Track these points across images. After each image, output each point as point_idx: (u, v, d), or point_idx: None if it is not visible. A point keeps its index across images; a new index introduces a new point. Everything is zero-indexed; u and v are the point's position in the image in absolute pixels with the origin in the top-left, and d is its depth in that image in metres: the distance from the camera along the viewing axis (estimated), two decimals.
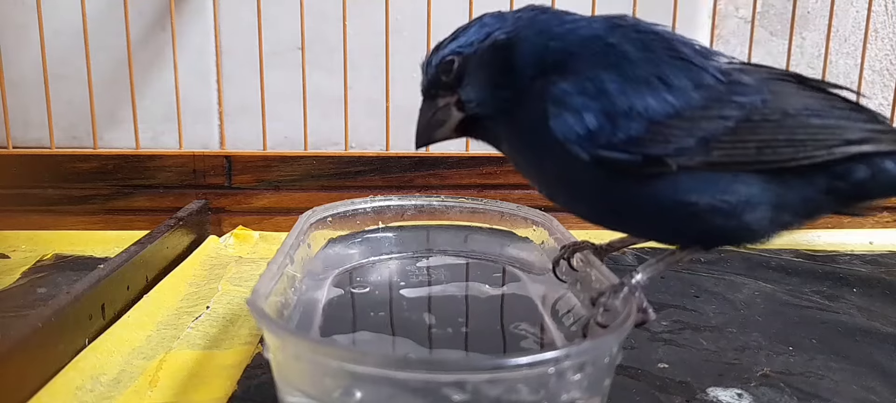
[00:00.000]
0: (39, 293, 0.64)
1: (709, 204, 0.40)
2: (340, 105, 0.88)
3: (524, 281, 0.60)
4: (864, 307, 0.64)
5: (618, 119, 0.39)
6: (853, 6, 0.99)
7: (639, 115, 0.39)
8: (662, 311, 0.62)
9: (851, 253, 0.82)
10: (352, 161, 0.87)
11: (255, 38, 0.86)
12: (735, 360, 0.52)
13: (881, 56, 1.01)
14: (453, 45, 0.45)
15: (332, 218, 0.63)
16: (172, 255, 0.74)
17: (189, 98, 0.90)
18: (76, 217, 0.84)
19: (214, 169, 0.86)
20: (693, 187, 0.40)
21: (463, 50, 0.44)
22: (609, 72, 0.40)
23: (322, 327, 0.50)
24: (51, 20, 0.85)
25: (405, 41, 0.91)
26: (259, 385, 0.47)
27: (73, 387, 0.46)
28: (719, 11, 0.97)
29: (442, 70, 0.45)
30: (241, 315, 0.60)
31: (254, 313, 0.38)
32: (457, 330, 0.51)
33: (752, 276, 0.72)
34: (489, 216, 0.66)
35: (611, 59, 0.41)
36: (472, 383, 0.33)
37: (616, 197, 0.42)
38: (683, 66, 0.41)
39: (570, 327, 0.50)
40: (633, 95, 0.40)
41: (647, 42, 0.42)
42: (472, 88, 0.44)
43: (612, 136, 0.39)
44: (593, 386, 0.37)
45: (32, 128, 0.90)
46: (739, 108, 0.40)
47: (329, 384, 0.35)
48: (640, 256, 0.78)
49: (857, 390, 0.48)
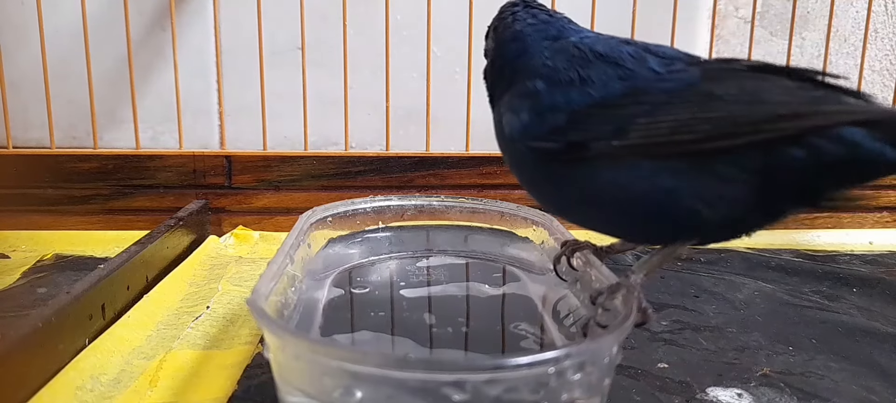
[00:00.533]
0: (39, 293, 0.64)
1: (636, 192, 0.40)
2: (340, 105, 0.88)
3: (524, 281, 0.60)
4: (864, 307, 0.64)
5: (545, 113, 0.44)
6: (853, 6, 0.99)
7: (561, 109, 0.43)
8: (662, 311, 0.62)
9: (851, 253, 0.82)
10: (352, 161, 0.87)
11: (255, 38, 0.86)
12: (735, 360, 0.52)
13: (881, 56, 1.01)
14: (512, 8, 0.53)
15: (332, 218, 0.63)
16: (172, 255, 0.74)
17: (189, 98, 0.90)
18: (76, 217, 0.84)
19: (214, 169, 0.86)
20: (618, 174, 0.41)
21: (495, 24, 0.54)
22: (541, 80, 0.45)
23: (322, 327, 0.50)
24: (51, 20, 0.85)
25: (405, 41, 0.91)
26: (259, 385, 0.47)
27: (73, 387, 0.46)
28: (719, 11, 0.97)
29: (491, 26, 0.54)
30: (241, 315, 0.60)
31: (254, 313, 0.38)
32: (457, 330, 0.51)
33: (752, 276, 0.72)
34: (489, 216, 0.66)
35: (544, 71, 0.46)
36: (472, 383, 0.33)
37: (554, 185, 0.45)
38: (611, 66, 0.44)
39: (570, 327, 0.50)
40: (558, 94, 0.44)
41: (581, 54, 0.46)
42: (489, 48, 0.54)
43: (539, 128, 0.44)
44: (593, 386, 0.37)
45: (32, 128, 0.90)
46: (661, 93, 0.41)
47: (329, 384, 0.35)
48: (639, 256, 0.78)
49: (856, 390, 0.48)
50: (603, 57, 0.44)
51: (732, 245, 0.83)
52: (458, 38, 0.87)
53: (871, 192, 0.91)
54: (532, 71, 0.47)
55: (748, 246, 0.83)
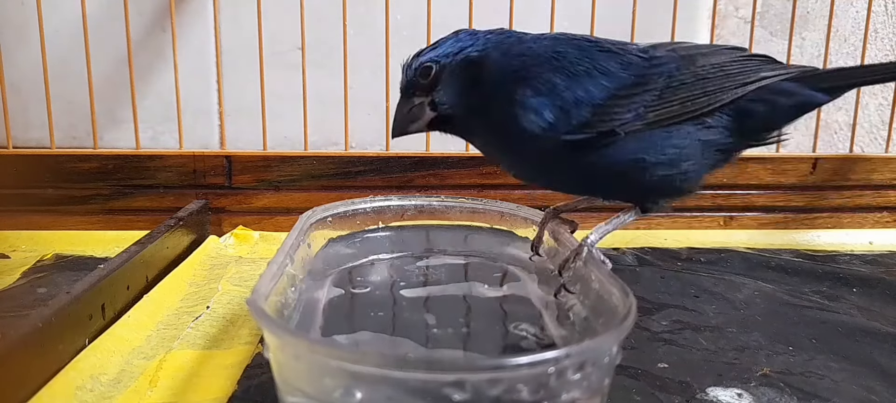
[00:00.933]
0: (39, 293, 0.64)
1: (654, 156, 0.50)
2: (340, 105, 0.88)
3: (524, 281, 0.60)
4: (865, 307, 0.64)
5: (570, 109, 0.49)
6: (853, 6, 0.99)
7: (585, 103, 0.49)
8: (662, 311, 0.62)
9: (851, 253, 0.82)
10: (352, 161, 0.87)
11: (255, 38, 0.86)
12: (735, 360, 0.52)
13: (881, 56, 1.01)
14: (432, 53, 0.52)
15: (332, 218, 0.63)
16: (172, 255, 0.74)
17: (189, 98, 0.90)
18: (76, 217, 0.84)
19: (214, 169, 0.86)
20: (639, 146, 0.49)
21: (440, 59, 0.52)
22: (557, 75, 0.50)
23: (322, 327, 0.50)
24: (51, 20, 0.85)
25: (405, 41, 0.90)
26: (259, 385, 0.47)
27: (73, 387, 0.46)
28: (719, 11, 0.97)
29: (420, 74, 0.52)
30: (241, 315, 0.60)
31: (254, 313, 0.38)
32: (457, 330, 0.51)
33: (752, 276, 0.72)
34: (489, 216, 0.66)
35: (557, 64, 0.50)
36: (472, 383, 0.33)
37: (581, 167, 0.51)
38: (610, 55, 0.51)
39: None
40: (577, 88, 0.49)
41: (580, 45, 0.52)
42: (445, 92, 0.53)
43: (568, 124, 0.49)
44: (593, 386, 0.37)
45: (32, 128, 0.90)
46: (660, 77, 0.50)
47: (329, 384, 0.35)
48: (639, 256, 0.78)
49: (857, 390, 0.48)
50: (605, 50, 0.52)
51: (732, 245, 0.83)
52: None
53: (871, 193, 0.92)
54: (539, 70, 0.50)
55: (748, 247, 0.83)
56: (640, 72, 0.51)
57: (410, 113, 0.53)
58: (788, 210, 0.91)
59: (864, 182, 0.91)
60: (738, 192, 0.90)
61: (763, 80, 0.51)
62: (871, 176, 0.91)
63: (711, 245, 0.83)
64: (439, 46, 0.53)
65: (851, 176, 0.91)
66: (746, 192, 0.90)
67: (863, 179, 0.91)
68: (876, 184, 0.92)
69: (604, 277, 0.47)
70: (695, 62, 0.51)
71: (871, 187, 0.92)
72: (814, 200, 0.91)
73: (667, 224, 0.90)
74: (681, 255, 0.79)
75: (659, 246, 0.82)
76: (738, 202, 0.90)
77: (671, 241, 0.85)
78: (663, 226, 0.90)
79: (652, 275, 0.72)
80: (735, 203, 0.90)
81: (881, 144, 1.02)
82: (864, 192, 0.92)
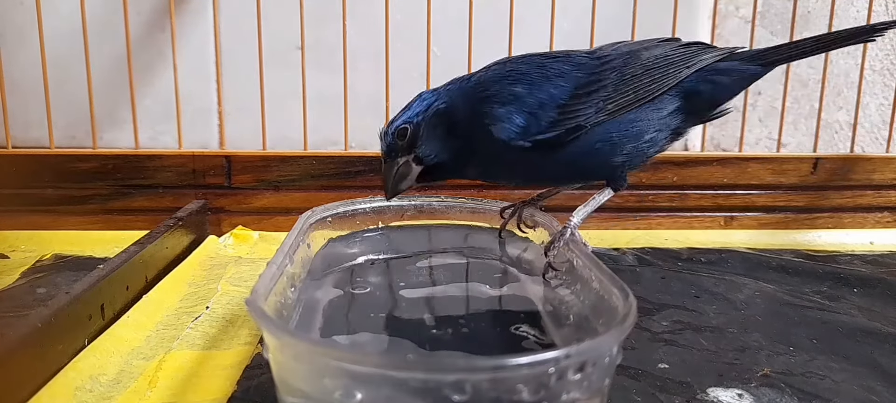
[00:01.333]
0: (39, 293, 0.64)
1: (618, 139, 0.55)
2: (340, 105, 0.88)
3: (524, 282, 0.59)
4: (865, 307, 0.64)
5: (537, 112, 0.55)
6: (853, 6, 0.99)
7: (549, 104, 0.55)
8: (662, 311, 0.62)
9: (852, 253, 0.82)
10: (352, 161, 0.87)
11: (255, 38, 0.86)
12: (735, 360, 0.52)
13: (881, 56, 1.01)
14: (404, 117, 0.57)
15: (332, 218, 0.63)
16: (172, 255, 0.74)
17: (189, 98, 0.90)
18: (76, 217, 0.84)
19: (214, 169, 0.86)
20: (603, 135, 0.55)
21: (413, 119, 0.57)
22: (516, 85, 0.56)
23: (322, 327, 0.50)
24: (50, 20, 0.85)
25: (405, 41, 0.91)
26: (259, 386, 0.47)
27: (73, 387, 0.46)
28: (719, 11, 0.97)
29: (398, 136, 0.57)
30: (240, 315, 0.60)
31: (253, 313, 0.38)
32: (457, 330, 0.50)
33: (753, 276, 0.72)
34: (489, 216, 0.66)
35: (513, 78, 0.56)
36: (472, 383, 0.33)
37: (558, 162, 0.56)
38: (560, 61, 0.57)
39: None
40: (538, 92, 0.55)
41: (528, 60, 0.58)
42: (426, 146, 0.57)
43: (539, 125, 0.54)
44: (594, 387, 0.37)
45: (32, 128, 0.90)
46: (612, 72, 0.56)
47: (329, 384, 0.35)
48: (640, 257, 0.78)
49: (857, 390, 0.48)
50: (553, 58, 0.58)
51: (732, 245, 0.83)
52: (459, 38, 0.87)
53: (872, 193, 0.92)
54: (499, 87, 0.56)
55: (749, 247, 0.83)
56: (593, 71, 0.56)
57: (399, 173, 0.58)
58: (789, 210, 0.91)
59: (864, 182, 0.91)
60: (738, 192, 0.90)
61: (701, 63, 0.57)
62: (872, 176, 0.91)
63: (712, 245, 0.83)
64: (408, 110, 0.58)
65: (852, 176, 0.91)
66: (747, 192, 0.90)
67: (864, 179, 0.91)
68: (877, 184, 0.92)
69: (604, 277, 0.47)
70: (640, 57, 0.57)
71: (871, 187, 0.91)
72: (814, 200, 0.91)
73: (667, 224, 0.90)
74: (681, 255, 0.79)
75: (659, 247, 0.82)
76: (739, 202, 0.90)
77: (672, 241, 0.84)
78: (664, 226, 0.90)
79: (652, 275, 0.72)
80: (736, 203, 0.90)
81: (882, 144, 1.02)
82: (865, 192, 0.91)
